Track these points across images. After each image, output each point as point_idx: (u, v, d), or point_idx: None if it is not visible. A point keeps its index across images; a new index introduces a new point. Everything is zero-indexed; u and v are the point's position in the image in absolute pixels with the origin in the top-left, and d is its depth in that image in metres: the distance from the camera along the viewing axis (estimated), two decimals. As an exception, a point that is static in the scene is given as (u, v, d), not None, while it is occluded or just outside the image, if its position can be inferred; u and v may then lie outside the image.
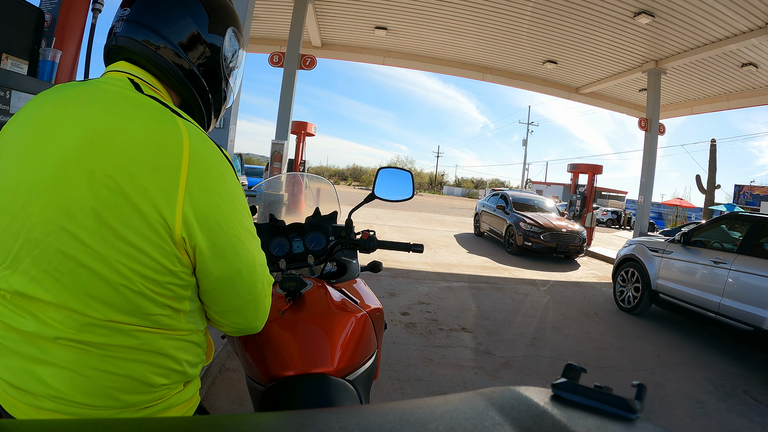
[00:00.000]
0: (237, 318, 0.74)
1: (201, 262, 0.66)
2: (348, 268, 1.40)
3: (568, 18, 7.38)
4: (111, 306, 0.62)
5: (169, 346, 0.67)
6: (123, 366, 0.63)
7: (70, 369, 0.62)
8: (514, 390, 0.35)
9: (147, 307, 0.63)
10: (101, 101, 0.65)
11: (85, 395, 0.63)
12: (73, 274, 0.60)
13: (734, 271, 3.75)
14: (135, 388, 0.65)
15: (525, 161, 45.03)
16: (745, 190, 18.94)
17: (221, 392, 2.44)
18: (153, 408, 0.68)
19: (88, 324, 0.61)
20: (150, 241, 0.61)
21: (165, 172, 0.61)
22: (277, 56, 7.75)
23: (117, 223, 0.60)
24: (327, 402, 0.83)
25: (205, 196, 0.64)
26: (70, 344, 0.62)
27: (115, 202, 0.60)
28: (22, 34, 2.28)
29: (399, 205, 18.52)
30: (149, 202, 0.61)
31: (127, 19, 0.70)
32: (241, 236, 0.69)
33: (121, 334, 0.63)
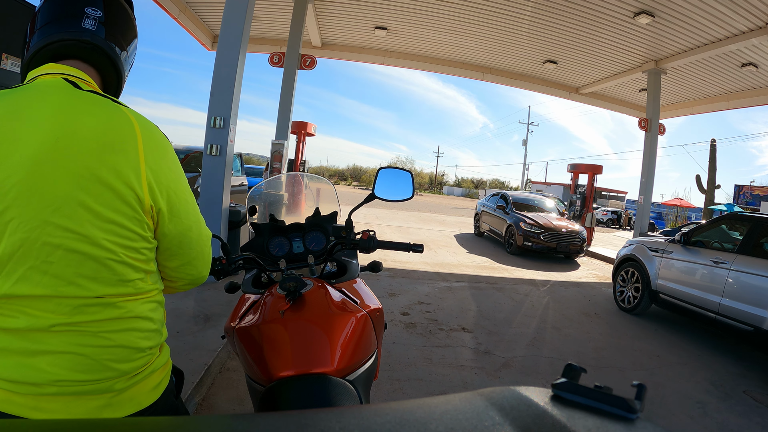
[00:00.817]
0: (190, 269, 0.87)
1: (162, 223, 0.78)
2: (348, 268, 1.40)
3: (568, 18, 7.38)
4: (100, 281, 0.71)
5: (146, 309, 0.78)
6: (115, 338, 0.73)
7: (68, 351, 0.69)
8: (514, 390, 0.35)
9: (128, 274, 0.74)
10: (52, 103, 0.71)
11: (84, 372, 0.70)
12: (62, 261, 0.68)
13: (734, 271, 3.75)
14: (127, 356, 0.74)
15: (525, 161, 45.04)
16: (745, 190, 18.94)
17: (221, 392, 2.44)
18: (141, 374, 0.77)
19: (79, 306, 0.69)
20: (126, 215, 0.72)
21: (128, 153, 0.72)
22: (277, 56, 7.75)
23: (98, 206, 0.69)
24: (327, 402, 0.83)
25: (160, 167, 0.76)
26: (65, 329, 0.69)
27: (93, 187, 0.69)
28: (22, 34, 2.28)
29: (399, 205, 18.52)
30: (122, 180, 0.71)
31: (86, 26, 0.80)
32: (188, 198, 0.83)
33: (110, 308, 0.72)
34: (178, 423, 0.34)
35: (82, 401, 0.72)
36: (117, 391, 0.74)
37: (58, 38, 0.78)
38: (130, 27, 0.88)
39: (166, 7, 7.94)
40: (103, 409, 0.73)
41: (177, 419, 0.34)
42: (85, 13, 0.79)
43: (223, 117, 4.27)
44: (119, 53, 0.85)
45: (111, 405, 0.74)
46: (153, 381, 0.80)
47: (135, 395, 0.77)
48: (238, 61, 4.25)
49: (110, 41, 0.82)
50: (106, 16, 0.82)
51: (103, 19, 0.81)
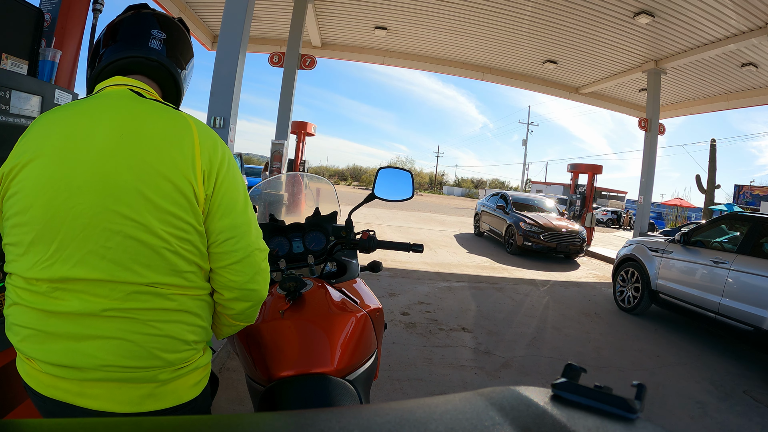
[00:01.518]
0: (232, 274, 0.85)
1: (219, 217, 0.82)
2: (348, 268, 1.40)
3: (568, 18, 7.38)
4: (153, 269, 0.75)
5: (196, 306, 0.82)
6: (164, 327, 0.76)
7: (118, 338, 0.73)
8: (514, 390, 0.35)
9: (181, 265, 0.78)
10: (119, 107, 0.80)
11: (132, 359, 0.74)
12: (119, 247, 0.73)
13: (734, 271, 3.75)
14: (174, 347, 0.78)
15: (525, 161, 45.06)
16: (745, 190, 18.94)
17: (221, 392, 2.44)
18: (185, 368, 0.80)
19: (132, 292, 0.74)
20: (182, 206, 0.77)
21: (185, 148, 0.78)
22: (277, 56, 7.75)
23: (155, 196, 0.75)
24: (327, 402, 0.83)
25: (213, 157, 0.82)
26: (117, 314, 0.73)
27: (153, 180, 0.75)
28: (22, 34, 2.28)
29: (399, 205, 18.52)
30: (179, 173, 0.76)
31: (152, 45, 0.91)
32: (238, 195, 0.85)
33: (161, 298, 0.76)
34: (179, 423, 0.34)
35: (126, 389, 0.75)
36: (161, 381, 0.77)
37: (127, 55, 0.88)
38: (188, 47, 1.00)
39: (166, 7, 7.93)
40: (146, 399, 0.76)
41: (177, 419, 0.34)
42: (151, 34, 0.91)
43: (223, 117, 4.26)
44: (179, 70, 0.96)
45: (154, 395, 0.77)
46: (195, 377, 0.83)
47: (177, 389, 0.80)
48: (238, 61, 4.25)
49: (171, 59, 0.93)
50: (168, 38, 0.93)
51: (166, 41, 0.93)
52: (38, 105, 1.83)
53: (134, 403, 0.75)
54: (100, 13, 2.85)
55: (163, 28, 0.93)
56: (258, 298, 0.89)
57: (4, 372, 1.30)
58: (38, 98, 1.85)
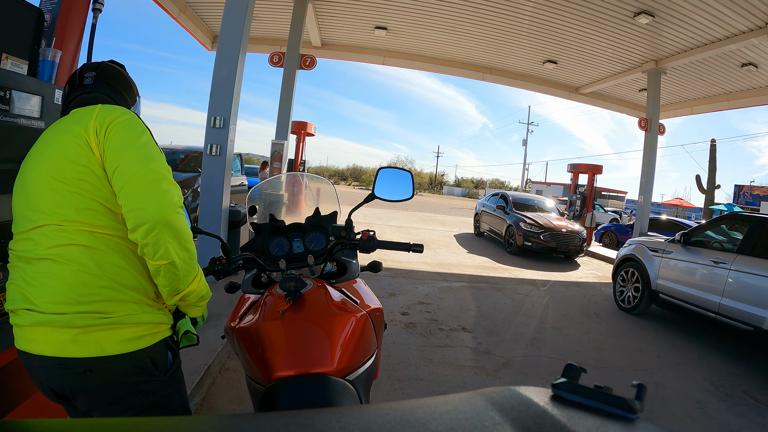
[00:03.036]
0: (128, 195, 0.96)
1: (105, 153, 0.99)
2: (348, 268, 1.40)
3: (568, 18, 7.38)
4: (77, 209, 0.96)
5: (125, 247, 1.00)
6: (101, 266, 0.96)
7: (56, 276, 0.93)
8: (514, 390, 0.35)
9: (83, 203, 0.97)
10: (73, 115, 1.09)
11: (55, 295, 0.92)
12: (54, 198, 0.97)
13: (734, 271, 3.75)
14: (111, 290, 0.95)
15: (525, 161, 45.03)
16: (745, 190, 18.93)
17: (221, 392, 2.44)
18: (105, 319, 0.93)
19: (56, 231, 0.95)
20: (79, 155, 0.99)
21: (87, 118, 1.03)
22: (277, 56, 7.75)
23: (70, 154, 0.99)
24: (327, 402, 0.83)
25: (107, 117, 1.02)
26: (54, 257, 0.94)
27: (72, 147, 1.00)
28: (22, 34, 2.28)
29: (399, 205, 18.52)
30: (78, 138, 1.00)
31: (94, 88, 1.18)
32: (131, 139, 1.01)
33: (95, 236, 0.97)
34: (179, 423, 0.34)
35: (54, 333, 0.91)
36: (80, 327, 0.91)
37: (73, 96, 1.15)
38: (124, 79, 1.24)
39: (166, 7, 7.93)
40: (68, 345, 0.90)
41: (177, 419, 0.34)
42: (84, 77, 1.16)
43: (223, 117, 4.27)
44: (116, 95, 1.19)
45: (75, 342, 0.90)
46: (125, 333, 0.94)
47: (99, 339, 0.92)
48: (238, 61, 4.25)
49: (107, 87, 1.17)
50: (98, 75, 1.17)
51: (97, 77, 1.17)
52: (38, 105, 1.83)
53: (57, 347, 0.90)
54: (100, 13, 2.85)
55: (91, 71, 1.18)
56: (148, 218, 0.94)
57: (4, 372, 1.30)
58: (38, 98, 1.85)
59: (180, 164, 7.13)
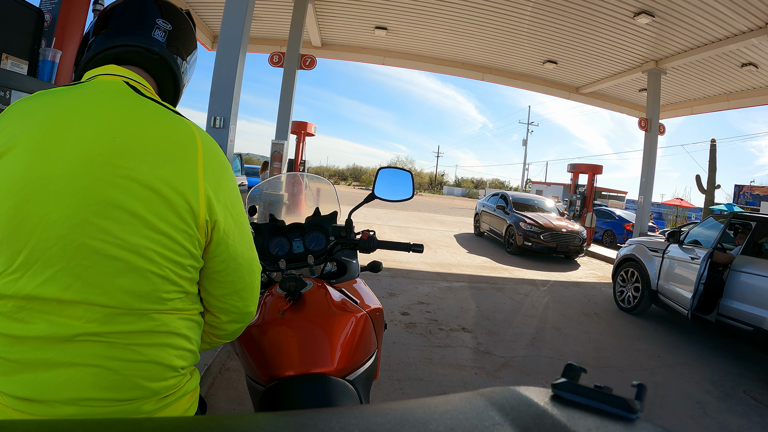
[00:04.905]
0: (236, 301, 0.80)
1: (217, 240, 0.74)
2: (348, 268, 1.40)
3: (568, 18, 7.38)
4: (136, 294, 0.65)
5: (183, 326, 0.72)
6: (147, 352, 0.66)
7: (94, 365, 0.63)
8: (514, 390, 0.35)
9: (168, 290, 0.68)
10: (113, 102, 0.69)
11: (111, 390, 0.64)
12: (98, 266, 0.62)
13: (734, 271, 3.75)
14: (159, 374, 0.68)
15: (525, 161, 45.05)
16: (745, 190, 18.91)
17: (221, 392, 2.44)
18: (171, 396, 0.71)
19: (111, 314, 0.63)
20: (176, 227, 0.67)
21: (185, 164, 0.69)
22: (277, 56, 7.75)
23: (146, 212, 0.65)
24: (327, 402, 0.83)
25: (219, 183, 0.73)
26: (94, 338, 0.63)
27: (143, 194, 0.65)
28: (22, 34, 2.28)
29: (399, 205, 18.51)
30: (175, 191, 0.67)
31: (155, 36, 0.81)
32: (244, 223, 0.79)
33: (144, 319, 0.66)
34: (178, 423, 0.34)
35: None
36: (144, 413, 0.68)
37: (126, 42, 0.77)
38: (192, 43, 0.90)
39: (166, 7, 7.93)
40: None
41: (177, 419, 0.34)
42: (156, 24, 0.80)
43: (223, 117, 4.26)
44: (181, 65, 0.85)
45: None
46: (183, 405, 0.74)
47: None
48: (238, 61, 4.25)
49: (174, 54, 0.83)
50: (173, 30, 0.83)
51: (171, 33, 0.82)
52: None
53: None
54: (100, 13, 2.84)
55: (169, 18, 0.82)
56: (251, 319, 0.86)
57: None
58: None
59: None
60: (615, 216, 13.01)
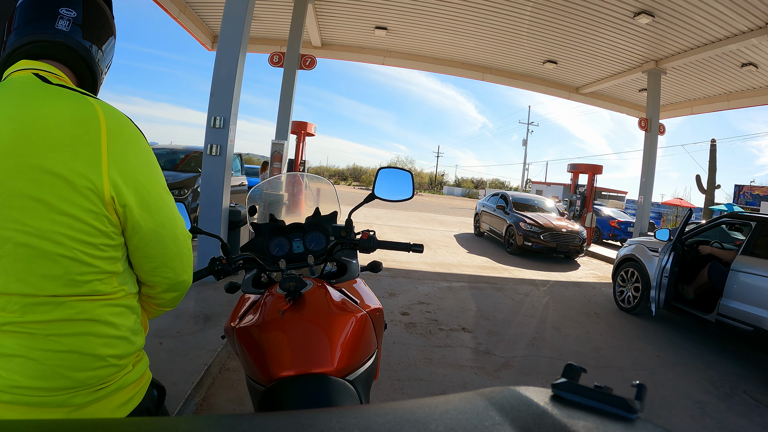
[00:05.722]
0: (167, 272, 0.82)
1: (131, 218, 0.74)
2: (348, 268, 1.40)
3: (568, 18, 7.38)
4: (50, 278, 0.66)
5: (107, 313, 0.72)
6: (67, 342, 0.67)
7: (19, 355, 0.64)
8: (514, 390, 0.35)
9: (83, 272, 0.69)
10: (16, 95, 0.69)
11: (37, 379, 0.65)
12: (11, 255, 0.64)
13: (734, 271, 3.75)
14: (84, 364, 0.69)
15: (525, 161, 45.05)
16: (745, 190, 18.92)
17: (221, 392, 2.44)
18: (106, 388, 0.72)
19: (29, 304, 0.65)
20: (81, 207, 0.68)
21: (87, 144, 0.68)
22: (277, 56, 7.75)
23: (50, 197, 0.65)
24: (327, 402, 0.83)
25: (126, 159, 0.72)
26: (15, 329, 0.65)
27: (46, 180, 0.65)
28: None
29: (399, 205, 18.52)
30: (76, 172, 0.67)
31: (59, 27, 0.79)
32: (161, 193, 0.78)
33: (61, 307, 0.67)
34: (178, 423, 0.34)
35: (38, 414, 0.66)
36: (75, 405, 0.68)
37: (32, 39, 0.77)
38: (106, 26, 0.86)
39: (165, 7, 7.93)
40: None
41: (177, 419, 0.34)
42: (59, 13, 0.79)
43: (223, 117, 4.27)
44: (95, 53, 0.84)
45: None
46: (120, 398, 0.74)
47: (98, 412, 0.71)
48: (238, 61, 4.25)
49: (85, 41, 0.81)
50: (81, 17, 0.81)
51: (78, 20, 0.80)
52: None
53: None
54: (100, 13, 2.83)
55: (72, 4, 0.80)
56: (187, 286, 0.87)
57: None
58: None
59: (180, 164, 7.14)
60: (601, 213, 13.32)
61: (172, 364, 2.46)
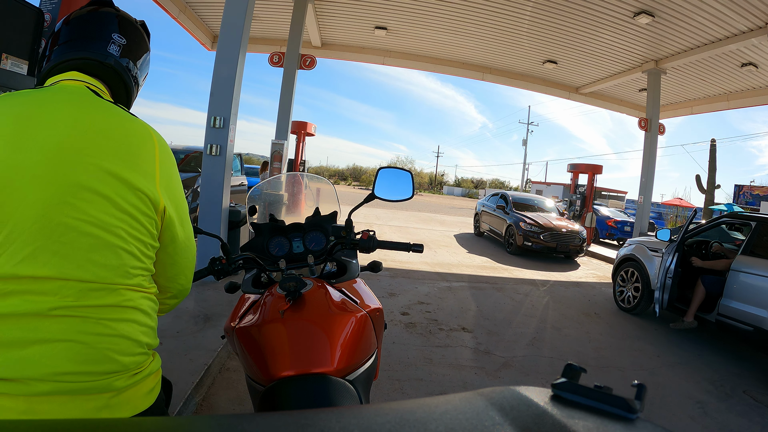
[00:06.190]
0: (182, 280, 0.93)
1: (172, 228, 0.85)
2: (348, 268, 1.40)
3: (568, 18, 7.38)
4: (108, 268, 0.72)
5: (145, 305, 0.79)
6: (117, 326, 0.72)
7: (69, 339, 0.67)
8: (514, 390, 0.35)
9: (135, 266, 0.76)
10: (75, 100, 0.78)
11: (85, 363, 0.68)
12: (74, 243, 0.69)
13: (734, 271, 3.75)
14: (128, 349, 0.74)
15: (525, 161, 45.05)
16: (745, 190, 18.91)
17: (221, 392, 2.44)
18: (140, 374, 0.76)
19: (85, 290, 0.69)
20: (139, 209, 0.76)
21: (144, 160, 0.79)
22: (277, 56, 7.75)
23: (114, 195, 0.73)
24: (327, 402, 0.83)
25: (170, 177, 0.84)
26: (68, 313, 0.67)
27: (110, 180, 0.73)
28: (22, 34, 2.28)
29: (399, 205, 18.52)
30: (136, 179, 0.76)
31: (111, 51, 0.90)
32: (186, 209, 0.91)
33: (113, 294, 0.72)
34: (178, 423, 0.34)
35: (80, 401, 0.67)
36: (117, 390, 0.71)
37: (85, 56, 0.87)
38: (143, 46, 0.99)
39: (165, 7, 7.94)
40: (101, 411, 0.70)
41: (177, 419, 0.34)
42: (112, 39, 0.90)
43: (223, 117, 4.27)
44: (133, 71, 0.95)
45: (109, 407, 0.70)
46: (148, 384, 0.79)
47: (132, 397, 0.74)
48: (238, 61, 4.25)
49: (130, 64, 0.93)
50: (128, 42, 0.93)
51: (126, 46, 0.92)
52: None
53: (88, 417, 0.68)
54: (100, 13, 2.84)
55: (125, 32, 0.92)
56: (187, 294, 0.98)
57: None
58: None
59: (180, 164, 7.14)
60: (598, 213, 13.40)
61: (172, 364, 2.46)
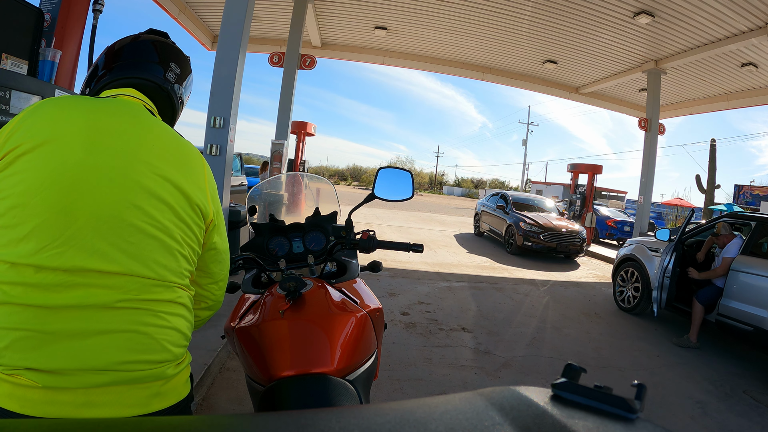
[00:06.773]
0: (216, 289, 0.99)
1: (217, 236, 0.93)
2: (348, 268, 1.40)
3: (568, 18, 7.38)
4: (168, 269, 0.79)
5: (189, 302, 0.87)
6: (171, 320, 0.79)
7: (130, 330, 0.72)
8: (514, 390, 0.35)
9: (188, 269, 0.84)
10: (134, 112, 0.85)
11: (145, 352, 0.73)
12: (141, 244, 0.75)
13: (734, 271, 3.75)
14: (179, 340, 0.81)
15: (525, 161, 45.03)
16: (745, 190, 18.91)
17: (221, 392, 2.44)
18: (182, 364, 0.83)
19: (147, 285, 0.75)
20: (193, 219, 0.84)
21: (197, 175, 0.88)
22: (277, 56, 7.75)
23: (174, 204, 0.80)
24: (327, 402, 0.83)
25: (214, 195, 0.92)
26: (132, 305, 0.73)
27: (171, 190, 0.80)
28: (22, 34, 2.28)
29: (399, 205, 18.52)
30: (192, 192, 0.84)
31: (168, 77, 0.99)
32: (225, 226, 0.98)
33: (169, 290, 0.79)
34: (179, 423, 0.34)
35: (135, 390, 0.72)
36: (167, 378, 0.77)
37: (144, 77, 0.94)
38: (188, 74, 1.08)
39: (165, 7, 7.93)
40: (153, 398, 0.74)
41: (177, 419, 0.34)
42: (170, 67, 0.99)
43: (223, 117, 4.26)
44: (180, 94, 1.04)
45: (160, 394, 0.76)
46: (186, 373, 0.86)
47: (177, 385, 0.80)
48: (238, 61, 4.25)
49: (179, 89, 1.02)
50: (180, 74, 1.02)
51: (179, 74, 1.02)
52: (38, 105, 1.84)
53: (142, 404, 0.73)
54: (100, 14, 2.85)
55: (179, 63, 1.03)
56: (219, 307, 1.03)
57: None
58: (38, 98, 1.85)
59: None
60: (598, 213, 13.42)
61: (172, 364, 2.46)
